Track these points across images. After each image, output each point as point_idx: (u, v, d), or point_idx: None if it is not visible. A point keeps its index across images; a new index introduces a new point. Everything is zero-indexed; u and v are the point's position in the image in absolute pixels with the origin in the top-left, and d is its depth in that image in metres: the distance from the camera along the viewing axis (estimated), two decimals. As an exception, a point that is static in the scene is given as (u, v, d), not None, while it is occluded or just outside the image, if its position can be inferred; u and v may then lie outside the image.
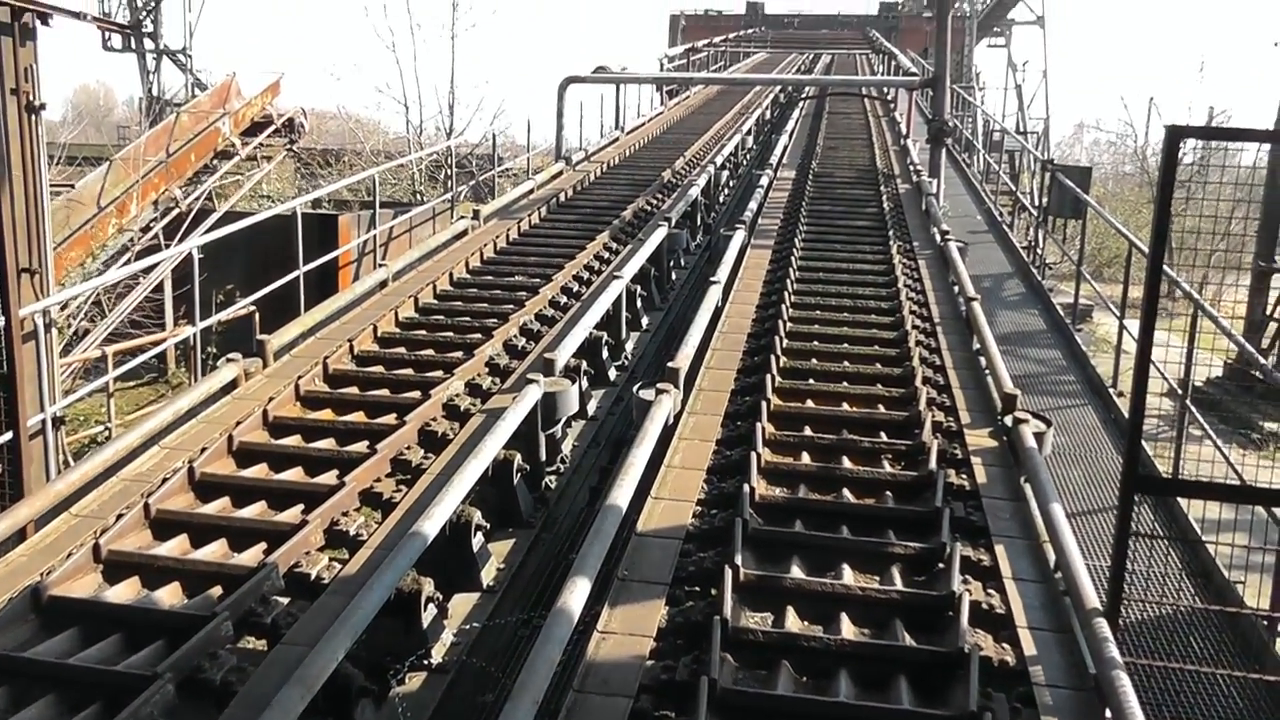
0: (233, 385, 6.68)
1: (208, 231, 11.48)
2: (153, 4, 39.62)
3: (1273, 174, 14.46)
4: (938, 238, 10.56)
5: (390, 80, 27.91)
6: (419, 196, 28.13)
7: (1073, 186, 13.08)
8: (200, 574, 4.61)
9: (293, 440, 6.01)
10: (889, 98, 25.91)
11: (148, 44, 39.77)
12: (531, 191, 13.56)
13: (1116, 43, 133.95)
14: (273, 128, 25.93)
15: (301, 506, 5.18)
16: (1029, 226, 16.08)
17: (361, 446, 5.85)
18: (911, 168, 15.94)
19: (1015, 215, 17.12)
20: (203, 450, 5.64)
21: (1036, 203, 15.06)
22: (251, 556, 4.77)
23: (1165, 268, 4.83)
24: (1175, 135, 3.94)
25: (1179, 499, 7.34)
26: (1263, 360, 11.44)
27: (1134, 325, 7.30)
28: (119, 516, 4.96)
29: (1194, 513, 7.33)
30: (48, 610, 4.21)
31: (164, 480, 5.28)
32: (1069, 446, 8.59)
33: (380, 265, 9.47)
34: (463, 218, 11.46)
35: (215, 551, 4.82)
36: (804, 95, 25.95)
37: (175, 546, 4.85)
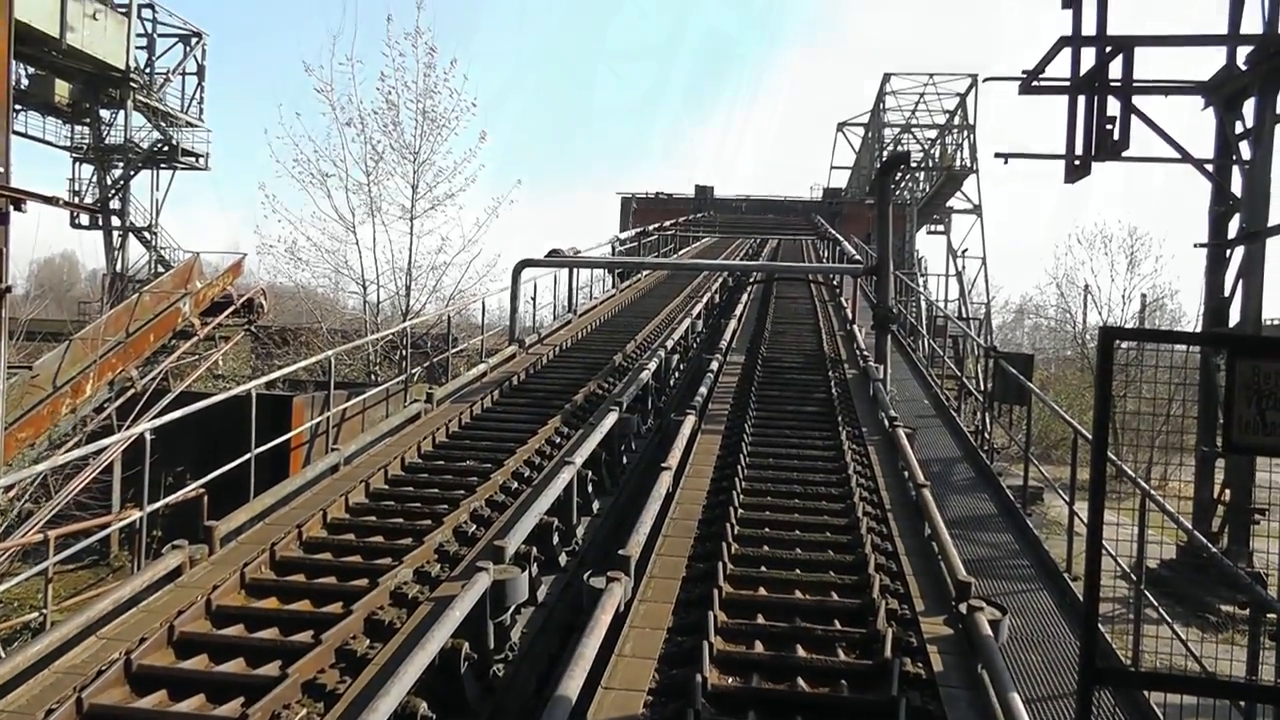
0: (177, 572, 6.56)
1: (162, 412, 11.44)
2: (121, 183, 40.49)
3: (1205, 362, 14.97)
4: (886, 423, 10.75)
5: (349, 256, 28.41)
6: (374, 376, 28.21)
7: (1016, 374, 13.42)
8: (131, 774, 4.43)
9: (236, 630, 5.87)
10: (834, 282, 26.69)
11: (114, 221, 40.45)
12: (485, 374, 13.69)
13: (1051, 227, 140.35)
14: (232, 308, 26.20)
15: (241, 700, 5.03)
16: (976, 410, 16.40)
17: (306, 636, 5.73)
18: (858, 352, 16.33)
19: (962, 399, 17.48)
20: (141, 641, 5.49)
21: (982, 387, 15.40)
22: (186, 755, 4.59)
23: (1111, 455, 4.95)
24: (1108, 336, 4.10)
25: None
26: (1211, 547, 11.55)
27: (1083, 508, 7.38)
28: (49, 712, 4.77)
29: (1155, 696, 7.27)
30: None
31: (99, 672, 5.12)
32: (1025, 630, 8.55)
33: (333, 449, 9.44)
34: (416, 401, 11.52)
35: (148, 749, 4.64)
36: (752, 279, 26.66)
37: (106, 744, 4.67)
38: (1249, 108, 17.74)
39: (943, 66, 52.82)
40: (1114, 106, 17.30)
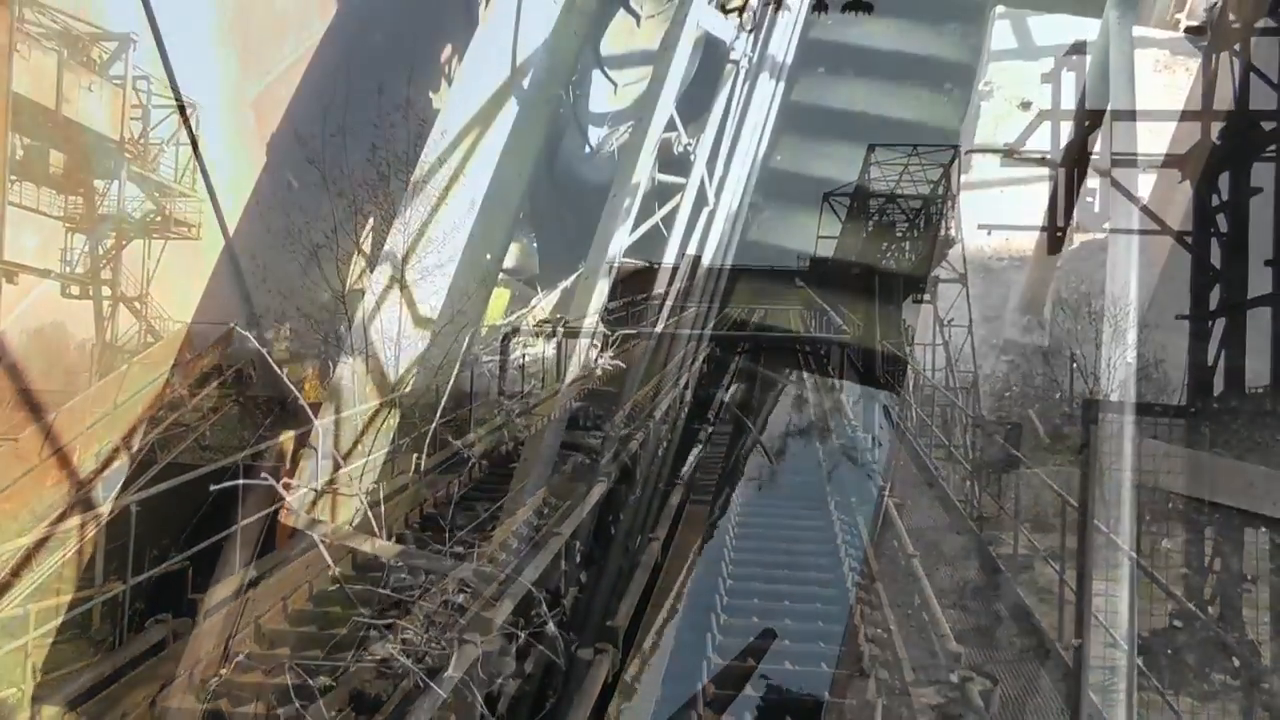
0: (160, 646, 6.49)
1: (149, 484, 11.39)
2: (113, 253, 40.61)
3: (1190, 433, 14.99)
4: (874, 493, 10.76)
5: (339, 326, 28.39)
6: (361, 446, 28.00)
7: (1004, 443, 13.43)
8: None
9: (220, 705, 5.81)
10: (822, 352, 26.78)
11: (105, 290, 40.44)
12: (473, 444, 13.66)
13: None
14: (221, 378, 26.12)
15: (224, 777, 4.97)
16: (965, 479, 16.36)
17: (292, 710, 5.66)
18: (846, 423, 16.37)
19: (951, 468, 17.42)
20: (123, 717, 5.42)
21: (971, 455, 15.38)
22: (167, 834, 4.52)
23: (1099, 524, 4.98)
24: (1092, 409, 4.16)
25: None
26: (1203, 616, 11.48)
27: (1074, 576, 7.35)
28: (28, 791, 4.71)
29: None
30: None
31: (80, 750, 5.06)
32: (1017, 699, 8.49)
33: (319, 520, 9.40)
34: (403, 472, 11.49)
35: (128, 829, 4.57)
36: (740, 348, 26.68)
37: (85, 824, 4.59)
38: (1224, 181, 18.01)
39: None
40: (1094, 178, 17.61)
